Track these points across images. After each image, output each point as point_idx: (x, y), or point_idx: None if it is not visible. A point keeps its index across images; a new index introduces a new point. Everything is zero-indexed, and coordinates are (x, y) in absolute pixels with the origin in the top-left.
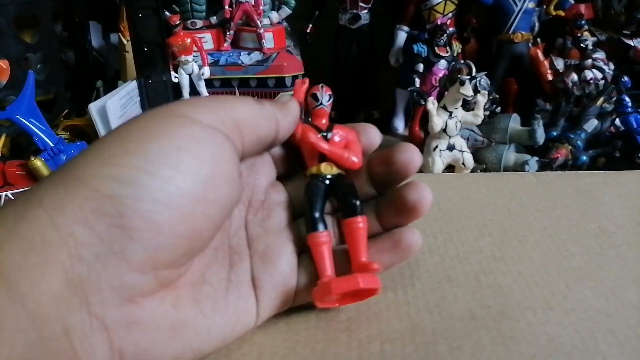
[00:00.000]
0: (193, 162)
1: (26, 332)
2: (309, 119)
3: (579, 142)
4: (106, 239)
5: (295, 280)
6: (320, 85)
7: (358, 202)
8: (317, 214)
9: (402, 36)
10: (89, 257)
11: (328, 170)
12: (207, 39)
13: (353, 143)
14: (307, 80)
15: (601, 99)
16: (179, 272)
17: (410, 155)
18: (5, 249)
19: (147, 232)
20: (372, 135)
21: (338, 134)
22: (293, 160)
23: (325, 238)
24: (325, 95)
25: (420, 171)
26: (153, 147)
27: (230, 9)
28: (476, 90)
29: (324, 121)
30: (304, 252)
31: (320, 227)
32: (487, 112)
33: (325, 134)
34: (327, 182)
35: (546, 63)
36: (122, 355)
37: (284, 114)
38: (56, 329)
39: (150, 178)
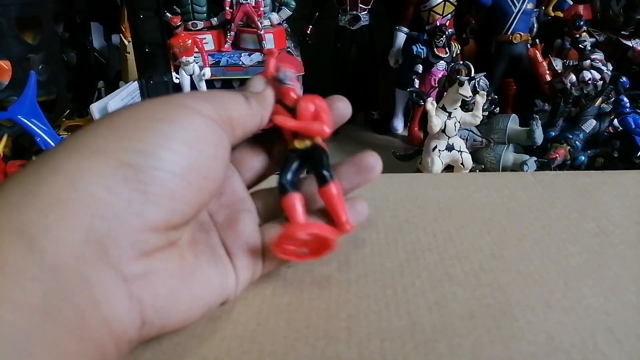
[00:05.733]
0: (202, 143)
1: (45, 282)
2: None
3: (577, 142)
4: (126, 200)
5: (259, 241)
6: (279, 68)
7: (326, 172)
8: (284, 180)
9: (401, 37)
10: (109, 215)
11: (301, 145)
12: (208, 40)
13: (322, 111)
14: (275, 51)
15: (599, 100)
16: (180, 233)
17: (373, 162)
18: (23, 208)
19: (164, 198)
20: (342, 107)
21: (306, 107)
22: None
23: (295, 197)
24: (285, 74)
25: (420, 171)
26: (165, 128)
27: (231, 10)
28: (475, 91)
29: (292, 95)
30: (267, 219)
31: (289, 189)
32: (486, 113)
33: (293, 108)
34: (300, 154)
35: (545, 64)
36: (141, 302)
37: (265, 109)
38: (75, 279)
39: (168, 152)
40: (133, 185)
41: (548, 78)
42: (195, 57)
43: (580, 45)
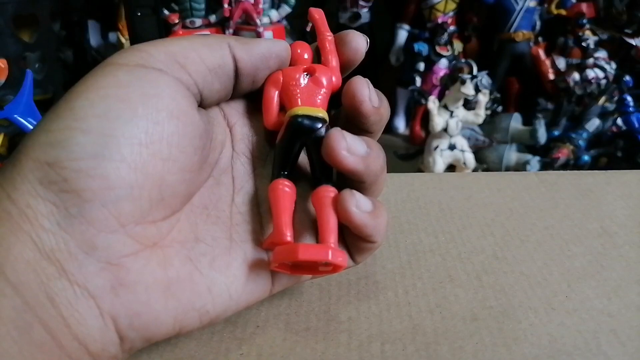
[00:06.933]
0: (121, 106)
1: (10, 297)
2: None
3: (580, 141)
4: (60, 206)
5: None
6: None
7: (326, 172)
8: (277, 166)
9: (402, 35)
10: (51, 227)
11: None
12: None
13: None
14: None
15: (603, 99)
16: (159, 228)
17: (356, 42)
18: None
19: (98, 189)
20: (356, 41)
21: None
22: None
23: (284, 189)
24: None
25: (421, 171)
26: (80, 103)
27: (230, 7)
28: (477, 90)
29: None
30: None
31: (280, 173)
32: (489, 112)
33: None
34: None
35: (548, 62)
36: (114, 320)
37: (240, 42)
38: (40, 296)
39: (82, 134)
40: (59, 186)
41: (551, 77)
42: None
43: (583, 44)
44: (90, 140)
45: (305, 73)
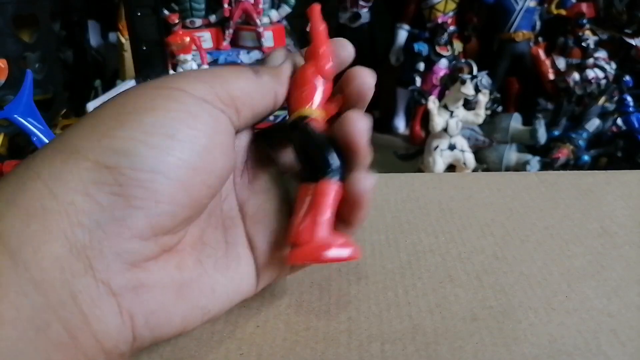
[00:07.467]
0: (190, 133)
1: (31, 296)
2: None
3: (580, 141)
4: (107, 207)
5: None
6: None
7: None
8: (329, 158)
9: (402, 35)
10: (90, 224)
11: (306, 112)
12: (206, 38)
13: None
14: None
15: (603, 99)
16: (178, 236)
17: (362, 79)
18: (5, 218)
19: (148, 201)
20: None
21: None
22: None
23: (336, 191)
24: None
25: (421, 171)
26: (148, 119)
27: (230, 7)
28: (477, 90)
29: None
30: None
31: (334, 173)
32: (489, 112)
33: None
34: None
35: (548, 62)
36: (132, 318)
37: (280, 84)
38: (62, 294)
39: (148, 148)
40: (112, 189)
41: (551, 77)
42: (193, 54)
43: (583, 44)
44: (154, 155)
45: (319, 76)
